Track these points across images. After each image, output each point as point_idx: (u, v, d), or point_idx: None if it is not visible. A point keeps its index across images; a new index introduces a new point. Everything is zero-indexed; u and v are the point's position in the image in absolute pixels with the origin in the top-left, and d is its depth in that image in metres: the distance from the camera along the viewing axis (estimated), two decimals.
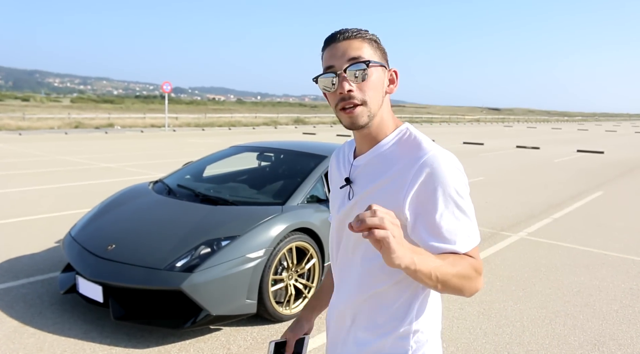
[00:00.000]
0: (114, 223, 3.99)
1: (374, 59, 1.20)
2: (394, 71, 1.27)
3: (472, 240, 1.15)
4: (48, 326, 3.59)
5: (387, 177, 1.20)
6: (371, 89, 1.19)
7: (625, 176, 12.81)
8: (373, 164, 1.24)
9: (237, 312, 3.46)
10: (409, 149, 1.20)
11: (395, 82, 1.27)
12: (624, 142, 27.48)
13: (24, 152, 14.37)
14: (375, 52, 1.22)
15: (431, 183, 1.13)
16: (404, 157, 1.19)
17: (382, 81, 1.22)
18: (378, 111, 1.22)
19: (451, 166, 1.15)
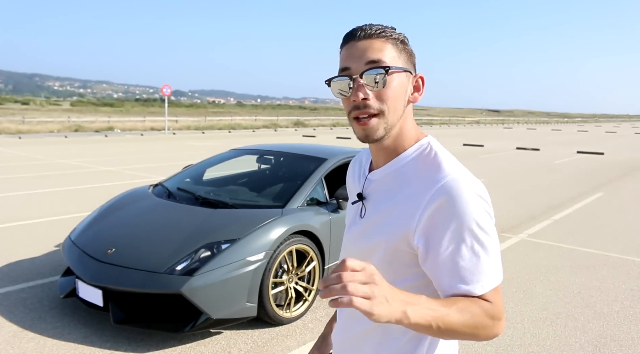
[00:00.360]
0: (114, 227, 3.98)
1: (397, 63, 1.05)
2: (420, 77, 1.11)
3: (490, 280, 0.99)
4: (48, 330, 3.59)
5: (400, 199, 1.06)
6: (391, 98, 1.04)
7: (626, 177, 12.81)
8: (388, 181, 1.11)
9: (237, 315, 3.45)
10: (427, 168, 1.05)
11: (421, 90, 1.12)
12: (624, 143, 27.49)
13: (23, 156, 14.37)
14: (400, 54, 1.07)
15: (447, 213, 0.98)
16: (420, 177, 1.05)
17: (404, 89, 1.07)
18: (397, 122, 1.08)
19: (472, 194, 0.99)
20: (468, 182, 1.00)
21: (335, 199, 4.30)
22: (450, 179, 1.00)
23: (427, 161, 1.07)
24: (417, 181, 1.05)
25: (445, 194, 0.98)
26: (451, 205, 0.97)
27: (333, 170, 5.53)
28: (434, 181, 1.01)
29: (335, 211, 4.24)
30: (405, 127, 1.11)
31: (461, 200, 0.97)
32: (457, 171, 1.02)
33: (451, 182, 0.99)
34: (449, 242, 0.98)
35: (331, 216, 4.16)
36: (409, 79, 1.09)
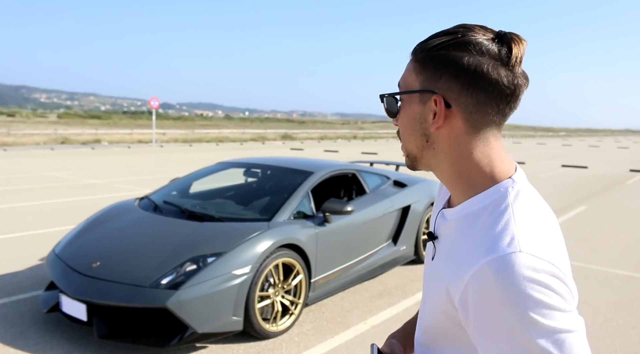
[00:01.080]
0: (99, 240, 3.96)
1: (409, 86, 0.91)
2: (435, 99, 0.88)
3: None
4: (30, 346, 3.54)
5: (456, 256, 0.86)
6: (401, 126, 0.95)
7: (609, 191, 13.00)
8: (455, 226, 0.91)
9: (223, 329, 3.44)
10: (488, 226, 0.83)
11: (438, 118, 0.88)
12: (607, 158, 27.90)
13: (8, 169, 14.21)
14: (419, 75, 0.90)
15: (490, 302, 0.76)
16: (479, 237, 0.83)
17: (416, 116, 0.91)
18: (419, 152, 0.93)
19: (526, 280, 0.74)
20: (524, 262, 0.75)
21: (322, 212, 4.31)
22: (499, 256, 0.76)
23: (493, 216, 0.84)
24: (473, 242, 0.83)
25: (489, 276, 0.76)
26: (495, 292, 0.75)
27: (320, 183, 5.56)
28: (484, 252, 0.79)
29: (321, 224, 4.25)
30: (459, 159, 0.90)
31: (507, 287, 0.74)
32: (515, 242, 0.78)
33: (500, 261, 0.76)
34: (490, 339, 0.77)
35: (317, 230, 4.18)
36: (425, 102, 0.89)
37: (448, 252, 0.90)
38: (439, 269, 0.91)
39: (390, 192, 5.34)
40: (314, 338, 3.82)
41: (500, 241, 0.79)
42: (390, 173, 5.88)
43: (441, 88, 0.87)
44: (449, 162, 0.90)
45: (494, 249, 0.78)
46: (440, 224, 0.97)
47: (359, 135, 52.08)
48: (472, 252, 0.81)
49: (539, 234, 0.81)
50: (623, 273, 5.66)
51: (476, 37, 0.85)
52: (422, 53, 0.89)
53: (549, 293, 0.74)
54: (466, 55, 0.85)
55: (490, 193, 0.87)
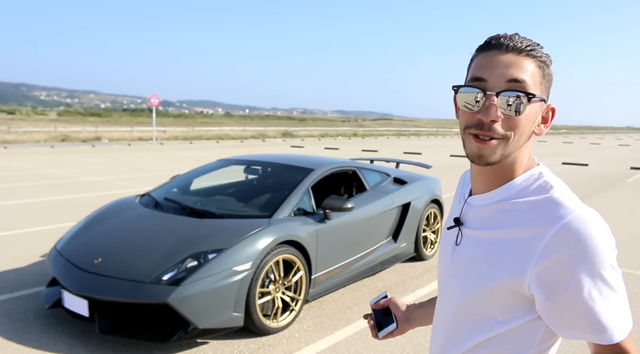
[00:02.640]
0: (101, 237, 3.98)
1: (537, 90, 0.95)
2: (551, 109, 1.00)
3: (626, 323, 0.90)
4: (32, 341, 3.56)
5: (509, 235, 0.95)
6: (520, 126, 0.94)
7: (609, 189, 13.01)
8: (492, 211, 1.00)
9: (224, 325, 3.46)
10: (542, 202, 0.94)
11: (549, 122, 1.00)
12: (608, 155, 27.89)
13: (9, 166, 14.23)
14: (543, 80, 0.96)
15: (575, 255, 0.87)
16: (535, 213, 0.93)
17: (535, 118, 0.97)
18: (515, 152, 0.97)
19: (601, 232, 0.89)
20: (594, 218, 0.90)
21: (322, 209, 4.33)
22: (575, 215, 0.89)
23: (542, 194, 0.95)
24: (531, 217, 0.93)
25: (573, 233, 0.88)
26: (580, 246, 0.87)
27: (320, 180, 5.57)
28: (555, 217, 0.90)
29: (322, 221, 4.27)
30: (520, 157, 0.99)
31: (591, 240, 0.87)
32: (579, 205, 0.92)
33: (577, 220, 0.89)
34: (579, 287, 0.88)
35: (318, 226, 4.20)
36: (542, 108, 0.98)
37: (491, 234, 0.98)
38: (477, 254, 1.00)
39: (391, 190, 5.36)
40: (315, 334, 3.84)
41: (565, 207, 0.91)
42: (390, 170, 5.89)
43: (547, 97, 0.99)
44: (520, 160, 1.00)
45: (565, 213, 0.90)
46: (466, 211, 1.05)
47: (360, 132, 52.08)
48: (538, 224, 0.91)
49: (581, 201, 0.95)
50: (623, 270, 5.66)
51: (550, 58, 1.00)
52: (543, 64, 0.97)
53: (613, 239, 0.91)
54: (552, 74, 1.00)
55: (526, 177, 0.99)
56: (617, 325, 0.89)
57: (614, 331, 0.88)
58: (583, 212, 0.90)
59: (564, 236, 0.88)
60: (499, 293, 0.96)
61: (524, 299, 0.94)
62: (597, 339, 0.89)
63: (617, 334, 0.89)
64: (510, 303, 0.96)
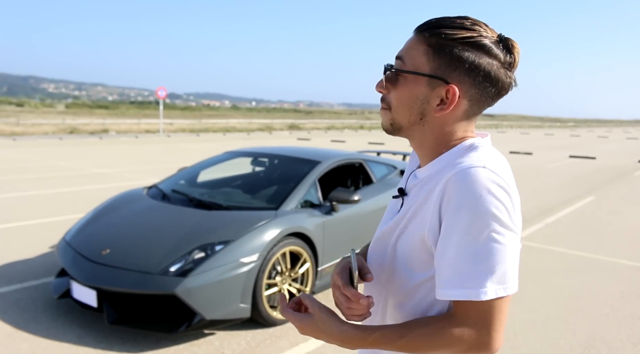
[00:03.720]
0: (109, 228, 4.00)
1: (422, 67, 0.97)
2: (452, 90, 0.97)
3: (495, 285, 0.89)
4: (42, 331, 3.60)
5: (431, 193, 0.99)
6: (395, 100, 1.01)
7: (616, 182, 12.92)
8: (426, 181, 1.03)
9: (231, 316, 3.48)
10: (454, 159, 0.98)
11: (447, 105, 0.98)
12: (616, 148, 27.69)
13: (18, 158, 14.33)
14: (433, 58, 0.97)
15: (455, 206, 0.90)
16: (447, 168, 0.97)
17: (419, 96, 0.99)
18: (408, 125, 1.02)
19: (489, 189, 0.89)
20: (486, 175, 0.90)
21: (329, 201, 4.33)
22: (468, 168, 0.91)
23: (460, 154, 0.98)
24: (443, 174, 0.97)
25: (456, 184, 0.91)
26: (461, 198, 0.89)
27: (327, 173, 5.57)
28: (450, 168, 0.94)
29: (328, 213, 4.28)
30: (444, 137, 1.02)
31: (474, 194, 0.89)
32: (480, 161, 0.93)
33: (468, 172, 0.90)
34: (451, 238, 0.91)
35: (324, 218, 4.20)
36: (434, 87, 0.98)
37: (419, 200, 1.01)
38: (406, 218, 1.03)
39: (397, 182, 5.35)
40: None
41: (463, 160, 0.95)
42: (397, 163, 5.88)
43: (454, 79, 0.97)
44: (433, 137, 1.02)
45: (458, 165, 0.93)
46: (411, 182, 1.09)
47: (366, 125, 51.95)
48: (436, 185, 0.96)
49: (501, 164, 0.96)
50: (630, 263, 5.66)
51: (489, 39, 0.97)
52: (438, 39, 0.96)
53: (500, 205, 0.89)
54: (483, 55, 0.96)
55: (456, 149, 1.01)
56: (483, 284, 0.89)
57: (480, 290, 0.89)
58: (479, 168, 0.90)
59: (451, 187, 0.91)
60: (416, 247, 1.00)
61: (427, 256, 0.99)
62: (460, 295, 0.90)
63: (482, 294, 0.89)
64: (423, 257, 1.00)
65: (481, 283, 0.89)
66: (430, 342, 0.93)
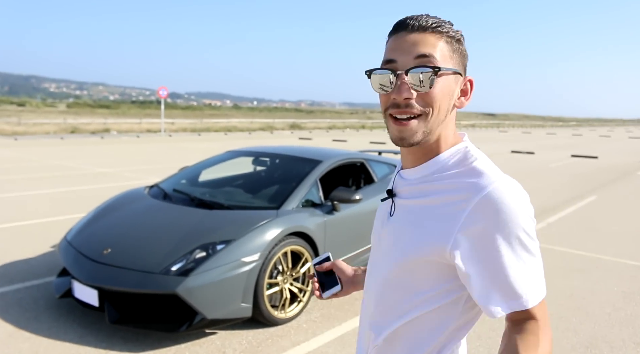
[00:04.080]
0: (110, 228, 4.00)
1: (448, 63, 0.97)
2: (469, 80, 1.03)
3: (539, 290, 0.94)
4: (43, 330, 3.60)
5: (436, 198, 0.98)
6: (436, 101, 0.96)
7: (619, 181, 12.90)
8: (422, 183, 1.03)
9: (232, 316, 3.48)
10: (466, 174, 0.97)
11: (469, 95, 1.03)
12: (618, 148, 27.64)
13: (19, 157, 14.34)
14: (453, 54, 0.98)
15: (494, 224, 0.91)
16: (460, 184, 0.96)
17: (451, 92, 0.99)
18: (438, 127, 0.99)
19: (520, 200, 0.93)
20: (513, 188, 0.93)
21: (330, 201, 4.33)
22: (495, 186, 0.92)
23: (466, 167, 0.98)
24: (455, 186, 0.96)
25: (493, 202, 0.91)
26: (500, 214, 0.90)
27: (328, 172, 5.57)
28: (478, 187, 0.93)
29: (330, 212, 4.27)
30: (445, 132, 1.02)
31: (510, 208, 0.91)
32: (499, 177, 0.95)
33: (497, 190, 0.92)
34: (497, 254, 0.91)
35: (326, 218, 4.20)
36: (458, 81, 1.00)
37: (420, 205, 1.01)
38: (408, 224, 1.02)
39: None
40: (322, 325, 3.85)
41: (486, 178, 0.94)
42: (398, 162, 5.86)
43: (463, 70, 1.02)
44: (442, 135, 1.02)
45: (486, 184, 0.93)
46: (398, 183, 1.09)
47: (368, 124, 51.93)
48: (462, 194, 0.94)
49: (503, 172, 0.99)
50: (632, 263, 5.64)
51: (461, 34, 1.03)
52: (451, 39, 0.99)
53: (532, 208, 0.96)
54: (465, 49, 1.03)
55: (453, 152, 1.02)
56: (531, 291, 0.92)
57: (528, 297, 0.92)
58: (504, 183, 0.93)
59: (485, 206, 0.91)
60: (423, 260, 0.98)
61: (446, 268, 0.98)
62: (512, 306, 0.92)
63: (531, 300, 0.92)
64: (434, 271, 0.99)
65: (537, 288, 0.94)
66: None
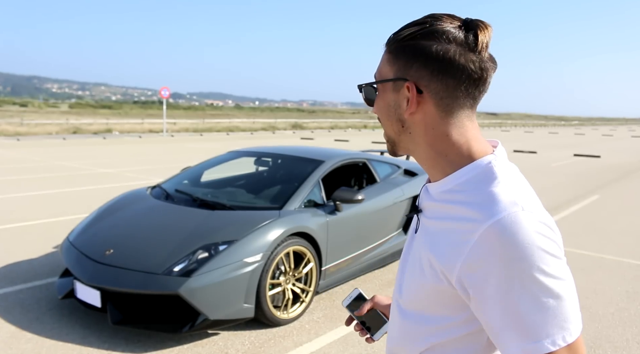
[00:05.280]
0: (112, 228, 4.00)
1: (384, 76, 0.96)
2: (406, 86, 0.92)
3: (560, 333, 0.80)
4: (46, 331, 3.60)
5: (448, 223, 0.90)
6: (378, 113, 0.99)
7: (622, 180, 12.87)
8: (440, 199, 0.95)
9: (234, 316, 3.47)
10: (481, 195, 0.87)
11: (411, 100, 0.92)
12: (620, 147, 27.58)
13: (22, 158, 14.37)
14: (394, 63, 0.93)
15: (501, 258, 0.80)
16: (473, 205, 0.86)
17: (390, 104, 0.95)
18: (397, 137, 0.98)
19: (536, 235, 0.80)
20: (528, 218, 0.81)
21: (333, 201, 4.32)
22: (509, 214, 0.81)
23: (484, 186, 0.88)
24: (468, 209, 0.87)
25: (500, 234, 0.80)
26: (508, 249, 0.80)
27: (331, 172, 5.56)
28: (488, 214, 0.83)
29: (332, 213, 4.26)
30: (435, 142, 0.94)
31: (521, 243, 0.79)
32: (515, 203, 0.83)
33: (510, 218, 0.81)
34: (507, 292, 0.80)
35: (328, 218, 4.19)
36: (399, 90, 0.93)
37: (435, 226, 0.93)
38: (423, 243, 0.95)
39: (401, 181, 5.33)
40: (325, 325, 3.84)
41: (499, 204, 0.84)
42: (400, 162, 5.86)
43: (413, 76, 0.91)
44: (425, 144, 0.94)
45: (496, 212, 0.83)
46: (423, 198, 1.01)
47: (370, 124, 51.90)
48: (470, 219, 0.85)
49: (530, 196, 0.87)
50: (635, 262, 5.62)
51: (443, 26, 0.89)
52: (395, 44, 0.93)
53: (552, 240, 0.82)
54: (434, 43, 0.89)
55: (471, 168, 0.91)
56: (550, 334, 0.79)
57: (544, 341, 0.79)
58: (516, 212, 0.81)
59: (492, 236, 0.81)
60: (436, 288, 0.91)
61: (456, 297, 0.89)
62: (525, 350, 0.80)
63: (548, 344, 0.79)
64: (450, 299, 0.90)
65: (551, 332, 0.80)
66: None
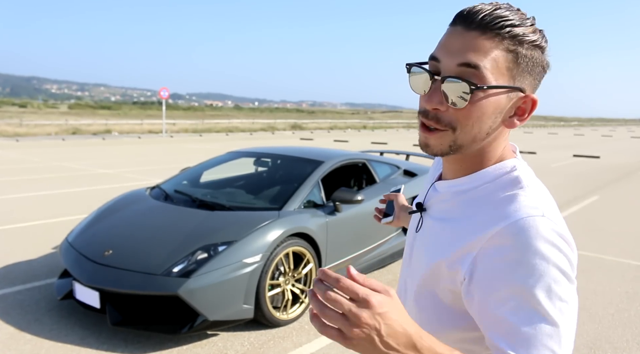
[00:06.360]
0: (111, 229, 3.99)
1: (501, 78, 0.81)
2: (531, 99, 0.84)
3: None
4: (45, 332, 3.59)
5: (461, 226, 0.85)
6: (470, 119, 0.82)
7: (621, 181, 12.87)
8: (454, 199, 0.91)
9: (234, 317, 3.47)
10: (504, 199, 0.83)
11: (525, 115, 0.85)
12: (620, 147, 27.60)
13: (21, 159, 14.35)
14: (513, 66, 0.81)
15: (510, 261, 0.76)
16: (491, 207, 0.83)
17: (498, 110, 0.83)
18: (473, 144, 0.85)
19: (551, 245, 0.75)
20: (546, 226, 0.77)
21: (332, 201, 4.32)
22: (528, 219, 0.77)
23: (506, 190, 0.84)
24: (486, 210, 0.83)
25: (516, 236, 0.77)
26: (519, 252, 0.76)
27: (330, 173, 5.55)
28: (504, 215, 0.80)
29: (332, 213, 4.26)
30: (490, 148, 0.88)
31: (533, 250, 0.75)
32: (536, 208, 0.79)
33: (528, 223, 0.77)
34: (506, 298, 0.75)
35: (328, 219, 4.18)
36: (513, 99, 0.83)
37: (446, 223, 0.89)
38: (427, 242, 0.92)
39: (401, 182, 5.33)
40: None
41: (519, 206, 0.80)
42: (400, 163, 5.86)
43: (527, 86, 0.84)
44: (486, 150, 0.88)
45: (515, 212, 0.79)
46: (431, 196, 0.96)
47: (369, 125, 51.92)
48: (488, 218, 0.82)
49: (552, 204, 0.84)
50: (635, 263, 5.62)
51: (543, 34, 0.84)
52: (514, 42, 0.80)
53: (563, 259, 0.76)
54: (545, 59, 0.84)
55: (496, 169, 0.88)
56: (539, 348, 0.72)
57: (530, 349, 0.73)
58: (536, 217, 0.77)
59: (506, 237, 0.77)
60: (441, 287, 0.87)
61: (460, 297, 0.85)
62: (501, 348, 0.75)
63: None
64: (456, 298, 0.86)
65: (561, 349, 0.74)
66: None
